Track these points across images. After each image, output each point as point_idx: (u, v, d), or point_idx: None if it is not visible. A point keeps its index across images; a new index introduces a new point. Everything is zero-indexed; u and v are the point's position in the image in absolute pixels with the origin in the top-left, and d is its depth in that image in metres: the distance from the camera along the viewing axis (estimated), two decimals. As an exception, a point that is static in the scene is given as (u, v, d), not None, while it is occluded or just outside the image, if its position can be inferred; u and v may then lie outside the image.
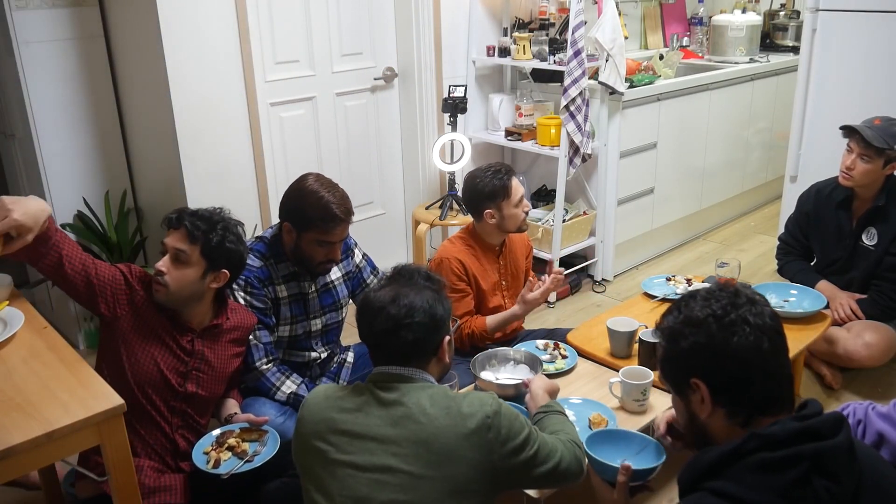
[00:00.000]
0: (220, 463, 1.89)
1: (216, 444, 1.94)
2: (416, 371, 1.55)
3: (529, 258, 2.81)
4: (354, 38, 3.57)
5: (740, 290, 1.32)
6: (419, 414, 1.47)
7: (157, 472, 1.99)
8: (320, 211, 2.18)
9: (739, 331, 1.26)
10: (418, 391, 1.51)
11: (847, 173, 2.77)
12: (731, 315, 1.27)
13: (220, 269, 2.00)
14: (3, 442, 1.44)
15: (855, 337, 2.79)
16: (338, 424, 1.50)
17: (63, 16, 3.03)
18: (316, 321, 2.41)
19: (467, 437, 1.45)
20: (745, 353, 1.25)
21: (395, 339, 1.53)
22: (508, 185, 2.52)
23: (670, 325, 1.34)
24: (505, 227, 2.57)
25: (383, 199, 3.91)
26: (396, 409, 1.48)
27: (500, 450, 1.47)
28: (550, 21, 3.74)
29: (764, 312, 1.28)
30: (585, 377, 2.28)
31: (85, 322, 3.34)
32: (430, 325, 1.54)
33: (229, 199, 3.18)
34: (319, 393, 1.58)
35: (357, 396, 1.53)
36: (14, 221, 1.74)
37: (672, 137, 4.03)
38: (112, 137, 3.29)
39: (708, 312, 1.29)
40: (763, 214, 4.89)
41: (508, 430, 1.49)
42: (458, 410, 1.47)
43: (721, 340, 1.26)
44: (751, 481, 1.18)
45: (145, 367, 1.97)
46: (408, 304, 1.53)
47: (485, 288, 2.60)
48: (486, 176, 2.53)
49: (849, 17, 3.29)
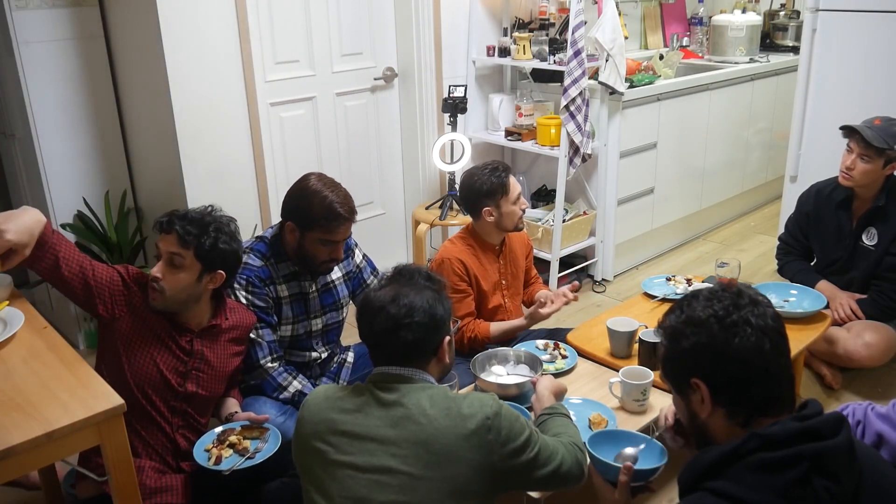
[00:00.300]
0: (222, 460, 1.89)
1: (217, 442, 1.94)
2: (416, 371, 1.54)
3: (530, 257, 2.82)
4: (354, 38, 3.57)
5: (743, 291, 1.32)
6: (419, 415, 1.46)
7: (158, 472, 1.99)
8: (324, 210, 2.18)
9: (741, 332, 1.25)
10: (418, 392, 1.50)
11: (847, 173, 2.77)
12: (732, 316, 1.27)
13: (216, 270, 1.99)
14: (3, 442, 1.44)
15: (855, 337, 2.79)
16: (337, 425, 1.50)
17: (63, 16, 3.03)
18: (316, 321, 2.41)
19: (467, 438, 1.44)
20: (746, 354, 1.25)
21: (395, 338, 1.52)
22: (506, 183, 2.52)
23: (672, 325, 1.34)
24: (503, 224, 2.57)
25: (383, 199, 3.91)
26: (396, 410, 1.48)
27: (501, 451, 1.46)
28: (550, 21, 3.74)
29: (766, 314, 1.28)
30: (585, 377, 2.28)
31: (85, 322, 3.34)
32: (430, 325, 1.54)
33: (229, 199, 3.19)
34: (319, 393, 1.58)
35: (357, 397, 1.53)
36: (8, 243, 1.75)
37: (672, 137, 4.03)
38: (112, 137, 3.29)
39: (710, 313, 1.28)
40: (763, 214, 4.89)
41: (509, 431, 1.48)
42: (458, 411, 1.47)
43: (722, 341, 1.26)
44: (751, 481, 1.18)
45: (145, 368, 1.97)
46: (408, 303, 1.53)
47: (485, 288, 2.60)
48: (484, 174, 2.53)
49: (849, 17, 3.29)
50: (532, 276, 2.84)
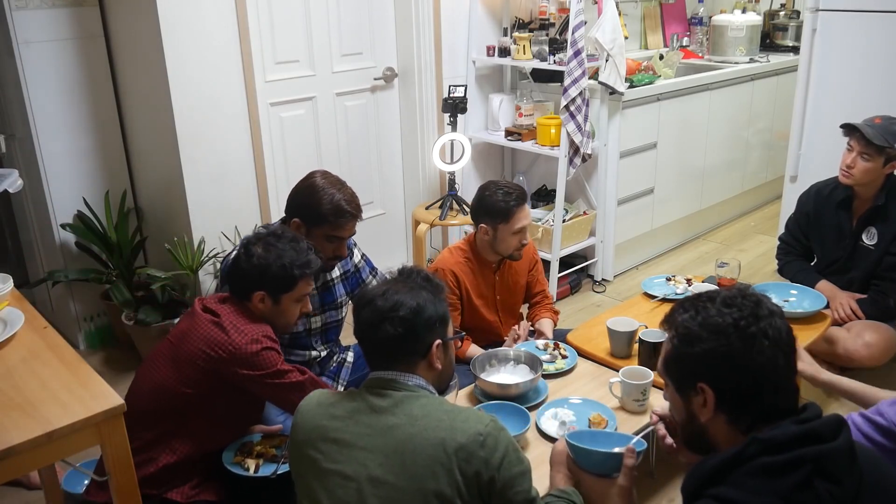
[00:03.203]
0: (259, 468, 1.89)
1: (241, 455, 1.93)
2: (408, 376, 1.51)
3: (535, 271, 2.71)
4: (354, 38, 3.57)
5: (762, 301, 1.28)
6: (409, 425, 1.42)
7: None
8: (333, 206, 2.21)
9: (759, 344, 1.22)
10: (411, 401, 1.46)
11: (847, 171, 2.77)
12: (752, 327, 1.23)
13: (254, 290, 1.95)
14: (3, 442, 1.44)
15: (855, 337, 2.79)
16: (328, 432, 1.47)
17: (63, 16, 3.03)
18: (316, 318, 2.41)
19: (456, 452, 1.39)
20: (761, 367, 1.22)
21: (378, 331, 1.50)
22: (511, 212, 2.42)
23: (686, 325, 1.29)
24: (496, 248, 2.49)
25: (383, 199, 3.91)
26: (387, 419, 1.44)
27: (490, 472, 1.39)
28: (550, 21, 3.74)
29: (781, 327, 1.25)
30: (585, 377, 2.28)
31: (85, 322, 3.34)
32: (416, 322, 1.50)
33: (229, 198, 3.20)
34: (313, 399, 1.55)
35: (349, 403, 1.50)
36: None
37: (672, 137, 4.03)
38: (112, 137, 3.29)
39: (730, 321, 1.24)
40: (763, 214, 4.89)
41: (504, 456, 1.41)
42: (450, 424, 1.42)
43: (739, 351, 1.23)
44: (753, 486, 1.18)
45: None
46: (396, 299, 1.50)
47: (477, 303, 2.56)
48: (497, 192, 2.44)
49: (849, 17, 3.29)
50: (537, 294, 2.73)
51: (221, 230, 3.19)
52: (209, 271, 3.17)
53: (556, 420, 2.01)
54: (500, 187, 2.46)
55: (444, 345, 1.58)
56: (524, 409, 2.02)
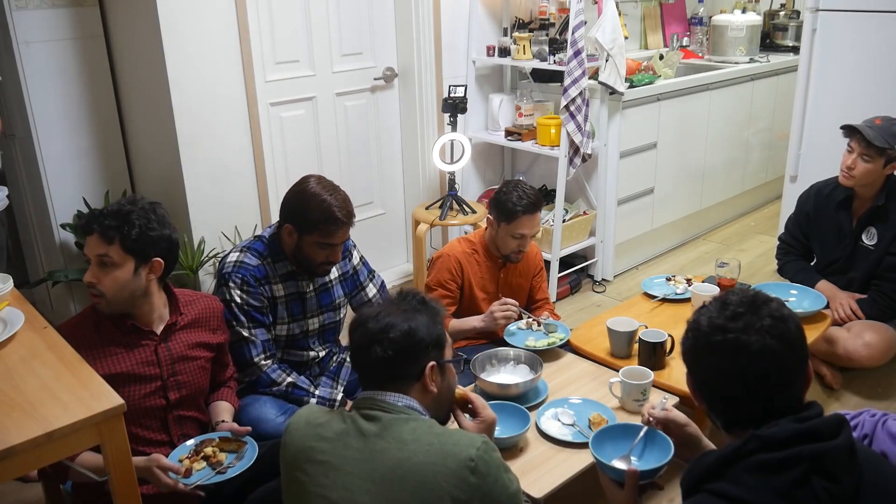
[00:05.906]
0: (192, 472, 1.84)
1: (193, 453, 1.90)
2: (400, 397, 1.48)
3: (539, 278, 2.75)
4: (354, 38, 3.57)
5: (761, 307, 1.30)
6: (397, 449, 1.39)
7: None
8: (323, 214, 2.18)
9: (740, 355, 1.26)
10: (401, 424, 1.42)
11: (848, 173, 2.77)
12: (724, 336, 1.27)
13: (151, 258, 1.91)
14: (3, 442, 1.44)
15: (855, 337, 2.79)
16: (315, 454, 1.44)
17: (63, 16, 3.03)
18: (313, 320, 2.41)
19: (446, 478, 1.35)
20: (745, 375, 1.26)
21: (368, 354, 1.47)
22: (516, 215, 2.47)
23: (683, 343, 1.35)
24: (496, 244, 2.57)
25: (383, 199, 3.91)
26: (375, 443, 1.41)
27: (482, 499, 1.37)
28: (550, 21, 3.74)
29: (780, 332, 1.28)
30: (585, 377, 2.28)
31: (85, 322, 3.34)
32: (407, 344, 1.47)
33: (229, 198, 3.20)
34: (301, 418, 1.52)
35: (338, 424, 1.46)
36: None
37: (672, 137, 4.03)
38: (112, 137, 3.29)
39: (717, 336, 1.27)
40: (763, 214, 4.89)
41: (495, 480, 1.39)
42: (440, 448, 1.38)
43: (717, 364, 1.28)
44: (750, 482, 1.18)
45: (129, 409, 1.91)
46: (388, 321, 1.48)
47: (478, 295, 2.58)
48: (513, 192, 2.48)
49: (849, 17, 3.29)
50: (539, 299, 2.76)
51: (221, 230, 3.19)
52: (209, 271, 3.17)
53: (556, 420, 2.01)
54: (519, 189, 2.50)
55: (441, 368, 1.55)
56: (524, 409, 2.02)
